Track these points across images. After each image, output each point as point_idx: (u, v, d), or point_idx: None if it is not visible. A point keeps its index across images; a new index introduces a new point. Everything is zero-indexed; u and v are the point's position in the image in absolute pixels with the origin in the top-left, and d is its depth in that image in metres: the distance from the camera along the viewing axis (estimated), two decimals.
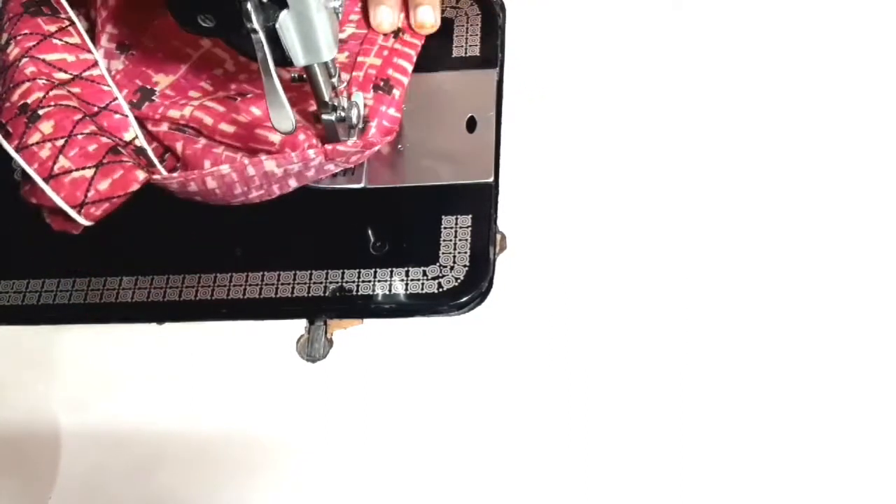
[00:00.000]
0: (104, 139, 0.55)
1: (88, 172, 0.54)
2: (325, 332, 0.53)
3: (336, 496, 0.49)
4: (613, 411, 0.49)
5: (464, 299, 0.53)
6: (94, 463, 0.51)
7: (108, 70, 0.59)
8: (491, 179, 0.56)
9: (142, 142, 0.56)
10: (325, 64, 0.50)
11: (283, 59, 0.48)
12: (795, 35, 0.59)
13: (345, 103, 0.54)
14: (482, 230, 0.54)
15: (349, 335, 0.53)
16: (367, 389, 0.51)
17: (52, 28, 0.58)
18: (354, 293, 0.53)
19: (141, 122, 0.58)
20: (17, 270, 0.56)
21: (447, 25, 0.61)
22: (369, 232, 0.55)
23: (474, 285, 0.53)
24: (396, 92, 0.58)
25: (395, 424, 0.50)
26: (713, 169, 0.55)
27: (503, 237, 0.55)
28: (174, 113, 0.57)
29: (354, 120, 0.55)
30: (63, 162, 0.53)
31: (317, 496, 0.49)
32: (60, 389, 0.53)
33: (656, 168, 0.56)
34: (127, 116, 0.57)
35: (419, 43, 0.60)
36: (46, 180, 0.53)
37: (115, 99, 0.57)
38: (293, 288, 0.53)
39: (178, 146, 0.56)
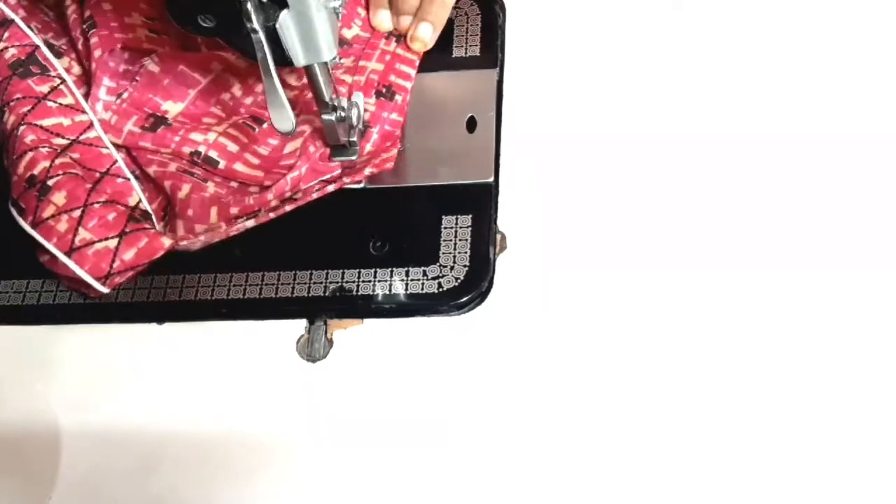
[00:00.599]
0: (121, 206, 0.54)
1: (112, 243, 0.52)
2: (325, 332, 0.53)
3: (336, 496, 0.49)
4: (614, 411, 0.49)
5: (464, 299, 0.53)
6: (94, 463, 0.51)
7: (114, 99, 0.58)
8: (491, 179, 0.56)
9: (146, 205, 0.55)
10: (325, 64, 0.50)
11: (283, 59, 0.48)
12: (795, 35, 0.59)
13: (345, 103, 0.54)
14: (482, 230, 0.54)
15: (349, 335, 0.53)
16: (367, 389, 0.51)
17: (45, 89, 0.56)
18: (354, 293, 0.53)
19: (143, 165, 0.56)
20: (17, 270, 0.56)
21: (447, 25, 0.61)
22: (369, 232, 0.55)
23: (474, 285, 0.53)
24: (399, 97, 0.58)
25: (394, 424, 0.50)
26: (713, 169, 0.55)
27: (503, 237, 0.55)
28: (197, 136, 0.57)
29: (354, 120, 0.55)
30: (83, 234, 0.52)
31: (317, 496, 0.49)
32: (60, 389, 0.53)
33: (656, 168, 0.55)
34: (129, 180, 0.55)
35: (418, 50, 0.60)
36: (68, 254, 0.51)
37: (116, 162, 0.55)
38: (293, 288, 0.53)
39: (185, 187, 0.55)
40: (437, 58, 0.61)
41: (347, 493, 0.49)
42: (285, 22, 0.47)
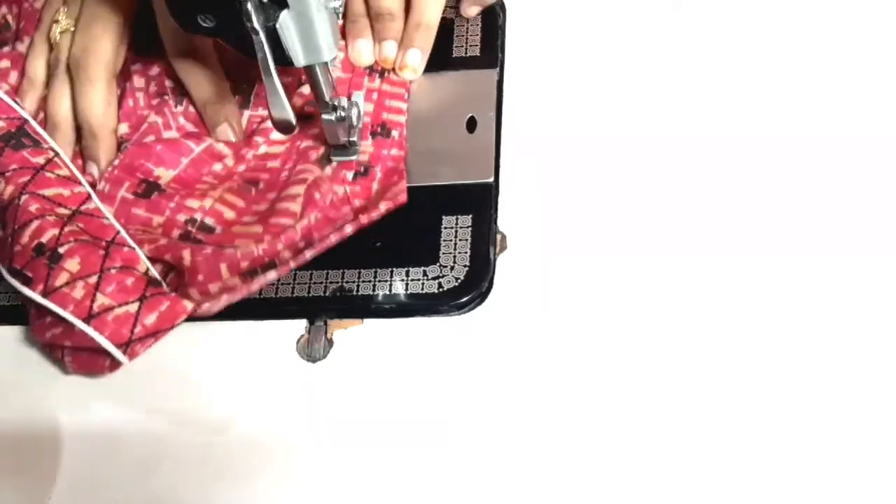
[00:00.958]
0: (137, 272, 0.52)
1: (132, 307, 0.51)
2: (325, 332, 0.53)
3: (336, 496, 0.49)
4: (614, 412, 0.49)
5: (464, 299, 0.52)
6: (94, 463, 0.51)
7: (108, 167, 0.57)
8: (491, 179, 0.56)
9: (154, 273, 0.53)
10: (325, 64, 0.50)
11: (283, 59, 0.49)
12: (796, 35, 0.59)
13: (345, 103, 0.54)
14: (482, 230, 0.54)
15: (349, 335, 0.53)
16: (367, 389, 0.51)
17: (41, 160, 0.54)
18: (354, 293, 0.53)
19: (137, 244, 0.54)
20: None
21: (447, 25, 0.61)
22: (369, 232, 0.55)
23: (474, 285, 0.53)
24: (395, 133, 0.57)
25: (394, 424, 0.50)
26: (714, 169, 0.55)
27: (503, 237, 0.55)
28: (193, 203, 0.56)
29: (355, 120, 0.55)
30: (102, 299, 0.50)
31: (317, 496, 0.49)
32: (60, 389, 0.53)
33: (656, 168, 0.56)
34: (134, 249, 0.53)
35: (407, 81, 0.60)
36: (87, 321, 0.50)
37: (119, 232, 0.54)
38: (293, 288, 0.53)
39: (186, 255, 0.53)
40: (437, 58, 0.61)
41: (347, 493, 0.49)
42: (285, 22, 0.47)
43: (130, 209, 0.56)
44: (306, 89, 0.59)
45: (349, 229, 0.54)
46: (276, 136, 0.58)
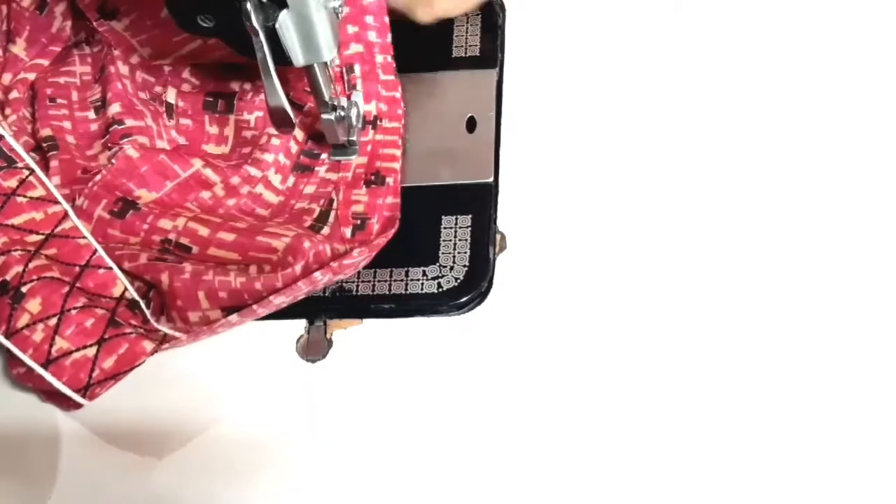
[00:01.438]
0: (99, 311, 0.51)
1: (90, 351, 0.50)
2: (325, 332, 0.53)
3: (336, 496, 0.49)
4: (613, 411, 0.49)
5: (464, 299, 0.53)
6: (94, 463, 0.51)
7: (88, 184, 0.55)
8: (491, 179, 0.56)
9: (132, 293, 0.52)
10: (325, 64, 0.50)
11: (282, 59, 0.49)
12: (796, 36, 0.59)
13: (345, 103, 0.54)
14: (482, 230, 0.54)
15: (349, 335, 0.53)
16: (367, 389, 0.51)
17: (13, 184, 0.52)
18: (354, 293, 0.53)
19: (115, 262, 0.53)
20: None
21: (447, 25, 0.61)
22: None
23: (474, 285, 0.53)
24: (390, 180, 0.56)
25: (394, 424, 0.50)
26: (712, 170, 0.55)
27: (503, 237, 0.55)
28: (165, 223, 0.54)
29: (354, 120, 0.55)
30: (60, 343, 0.50)
31: (317, 496, 0.49)
32: None
33: (656, 168, 0.56)
34: (111, 269, 0.52)
35: (399, 125, 0.58)
36: (45, 366, 0.49)
37: (95, 252, 0.52)
38: None
39: (164, 278, 0.52)
40: (437, 58, 0.61)
41: (347, 493, 0.49)
42: (285, 22, 0.47)
43: (107, 229, 0.54)
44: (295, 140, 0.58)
45: (339, 277, 0.53)
46: (273, 177, 0.57)
